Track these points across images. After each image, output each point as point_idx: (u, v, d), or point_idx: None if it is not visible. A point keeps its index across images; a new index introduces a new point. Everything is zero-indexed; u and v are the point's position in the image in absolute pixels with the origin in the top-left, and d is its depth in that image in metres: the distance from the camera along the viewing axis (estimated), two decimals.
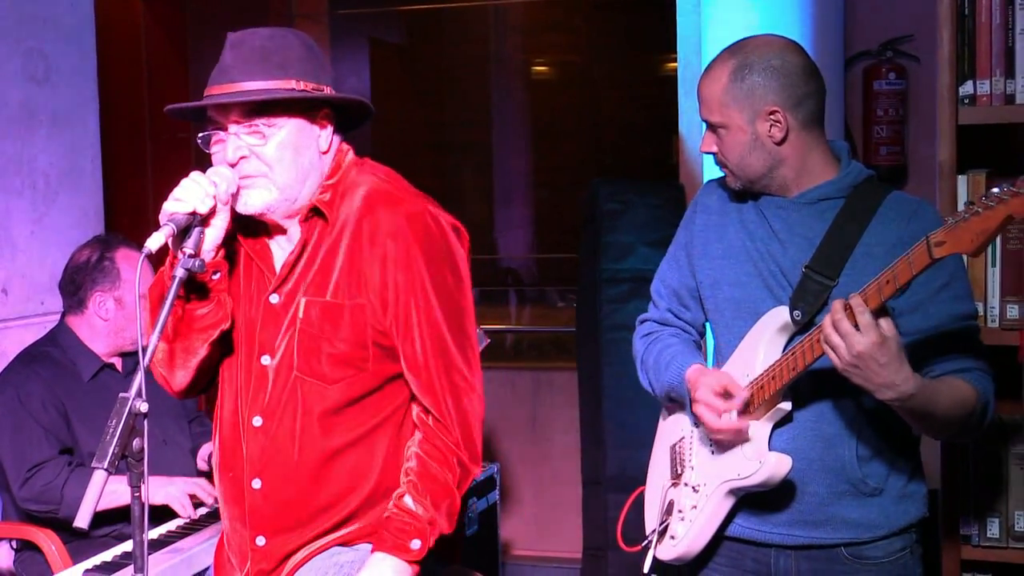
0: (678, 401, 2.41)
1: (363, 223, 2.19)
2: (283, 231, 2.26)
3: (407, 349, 2.20)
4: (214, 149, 2.20)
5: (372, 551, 2.18)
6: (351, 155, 2.29)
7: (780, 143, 2.25)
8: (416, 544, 2.16)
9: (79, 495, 1.82)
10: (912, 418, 2.14)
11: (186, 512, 3.24)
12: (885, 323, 2.00)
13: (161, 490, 3.23)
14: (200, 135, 2.20)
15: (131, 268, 3.32)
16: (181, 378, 2.27)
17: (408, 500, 2.18)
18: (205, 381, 2.33)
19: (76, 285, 3.41)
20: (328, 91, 2.20)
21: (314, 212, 2.22)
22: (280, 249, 2.27)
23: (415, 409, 2.25)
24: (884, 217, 2.24)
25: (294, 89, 2.15)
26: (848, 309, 2.01)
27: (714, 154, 2.33)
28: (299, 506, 2.23)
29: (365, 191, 2.23)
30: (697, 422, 2.35)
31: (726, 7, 3.99)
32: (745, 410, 2.24)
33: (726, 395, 2.23)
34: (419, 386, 2.22)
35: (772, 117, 2.24)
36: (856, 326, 1.99)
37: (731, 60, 2.27)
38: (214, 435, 2.35)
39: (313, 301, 2.20)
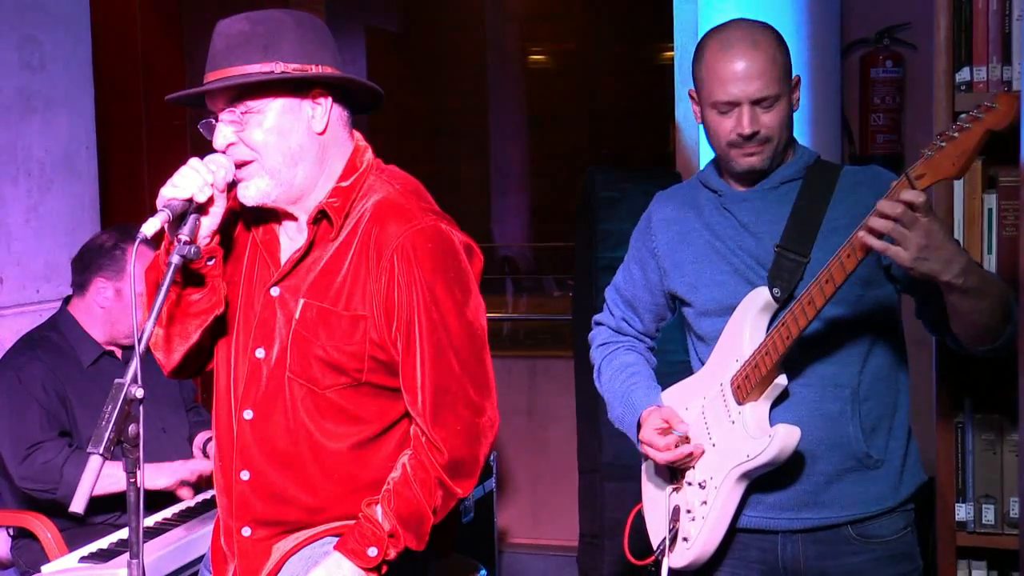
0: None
1: (371, 236, 2.15)
2: (293, 219, 2.24)
3: (407, 369, 2.17)
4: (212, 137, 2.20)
5: (333, 548, 2.18)
6: (368, 155, 2.25)
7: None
8: (372, 552, 2.15)
9: (78, 475, 1.82)
10: (972, 299, 2.09)
11: (189, 496, 3.27)
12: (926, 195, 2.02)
13: (161, 477, 3.26)
14: (200, 123, 2.19)
15: (139, 264, 3.32)
16: (173, 361, 2.27)
17: (376, 510, 2.17)
18: (197, 365, 2.33)
19: (83, 265, 3.42)
20: (317, 69, 2.15)
21: (322, 215, 2.19)
22: (289, 239, 2.26)
23: (413, 427, 2.22)
24: (844, 190, 2.29)
25: (272, 72, 2.11)
26: (894, 199, 2.00)
27: (754, 134, 2.26)
28: (285, 501, 2.23)
29: (376, 201, 2.19)
30: (688, 421, 2.38)
31: None
32: (740, 395, 2.26)
33: (669, 428, 2.35)
34: (414, 405, 2.18)
35: (798, 84, 2.32)
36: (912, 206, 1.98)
37: (765, 33, 2.29)
38: (212, 424, 2.35)
39: (311, 304, 2.18)
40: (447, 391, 2.17)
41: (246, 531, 2.25)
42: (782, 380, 2.24)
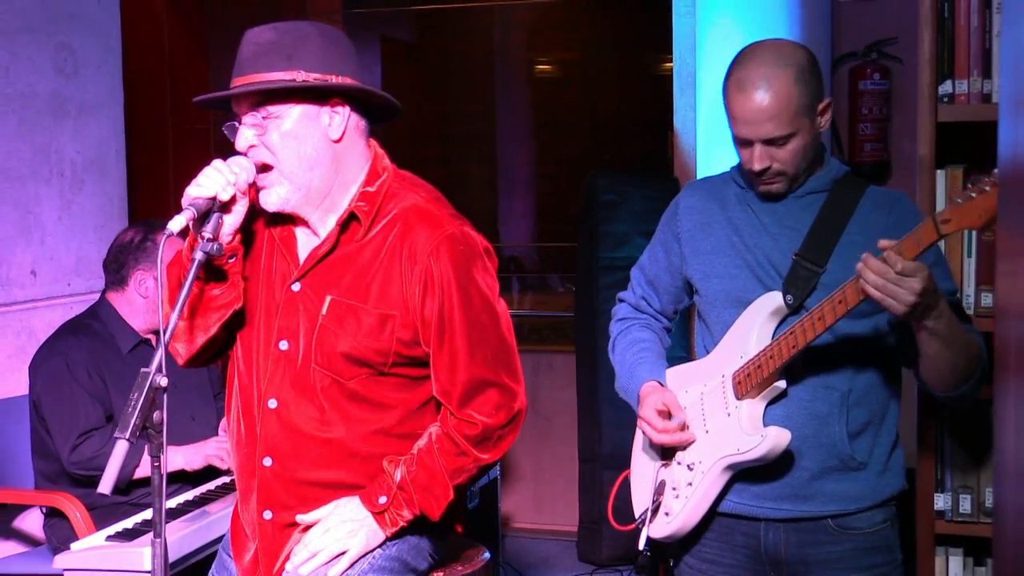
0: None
1: (404, 239, 2.17)
2: (307, 220, 2.25)
3: (442, 362, 2.19)
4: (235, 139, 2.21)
5: None
6: (387, 162, 2.27)
7: (824, 130, 2.29)
8: (382, 500, 2.19)
9: (126, 467, 1.85)
10: (942, 343, 2.14)
11: (223, 464, 3.34)
12: (919, 263, 2.05)
13: (198, 455, 3.34)
14: (225, 126, 2.20)
15: (171, 251, 3.34)
16: (191, 350, 2.27)
17: (397, 471, 2.20)
18: (209, 355, 2.32)
19: (119, 263, 3.44)
20: (337, 79, 2.16)
21: (351, 217, 2.20)
22: (306, 237, 2.26)
23: (442, 406, 2.24)
24: (865, 209, 2.28)
25: (294, 80, 2.12)
26: (890, 260, 2.02)
27: (765, 170, 2.25)
28: (307, 485, 2.23)
29: (405, 206, 2.21)
30: (686, 404, 2.38)
31: (719, 10, 4.01)
32: (740, 391, 2.27)
33: (668, 413, 2.35)
34: (446, 394, 2.21)
35: (828, 108, 2.27)
36: (904, 272, 2.02)
37: (787, 69, 2.21)
38: (228, 412, 2.35)
39: (340, 301, 2.19)
40: (484, 380, 2.20)
41: (267, 514, 2.26)
42: (781, 384, 2.25)
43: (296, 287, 2.23)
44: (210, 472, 3.37)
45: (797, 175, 2.28)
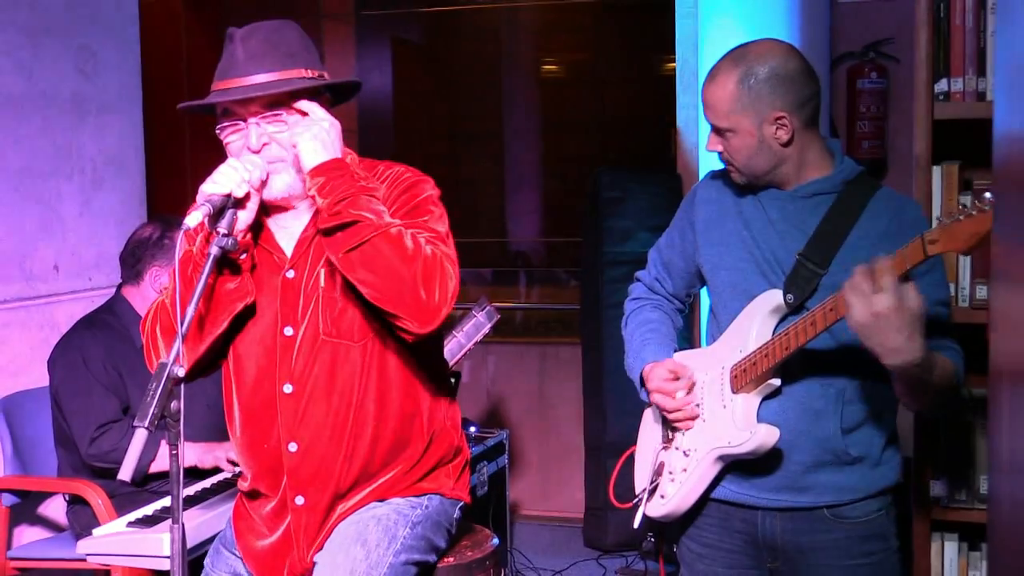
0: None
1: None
2: (286, 210, 2.25)
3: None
4: (231, 138, 2.19)
5: None
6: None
7: (785, 144, 2.23)
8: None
9: (143, 458, 1.84)
10: (907, 385, 2.13)
11: (231, 469, 3.31)
12: (908, 289, 1.99)
13: (209, 455, 3.32)
14: (218, 127, 2.20)
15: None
16: (198, 353, 2.20)
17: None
18: (208, 360, 2.27)
19: (136, 258, 3.44)
20: (326, 75, 2.21)
21: None
22: (283, 229, 2.27)
23: None
24: (872, 213, 2.24)
25: (306, 77, 2.15)
26: (872, 272, 1.99)
27: (719, 152, 2.30)
28: (334, 461, 2.23)
29: (384, 173, 2.26)
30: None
31: (721, 11, 4.00)
32: (736, 384, 2.27)
33: (676, 378, 2.34)
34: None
35: (779, 122, 2.21)
36: (880, 288, 1.97)
37: (736, 68, 2.22)
38: (231, 410, 2.32)
39: (333, 270, 2.19)
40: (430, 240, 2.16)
41: (299, 500, 2.25)
42: (775, 382, 2.24)
43: (291, 274, 2.24)
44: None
45: (753, 173, 2.27)
